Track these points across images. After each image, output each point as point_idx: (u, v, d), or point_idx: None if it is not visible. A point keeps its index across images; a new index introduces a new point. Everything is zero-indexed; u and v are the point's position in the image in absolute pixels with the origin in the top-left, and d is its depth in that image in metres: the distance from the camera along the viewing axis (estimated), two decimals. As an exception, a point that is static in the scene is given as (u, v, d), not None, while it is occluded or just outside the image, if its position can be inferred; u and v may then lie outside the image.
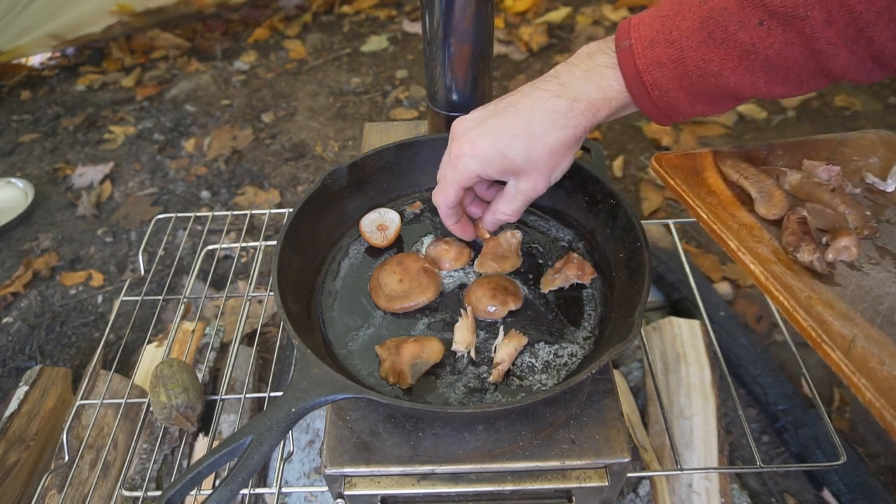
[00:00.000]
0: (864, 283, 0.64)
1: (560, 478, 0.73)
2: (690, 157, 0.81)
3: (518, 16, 3.08)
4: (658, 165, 0.80)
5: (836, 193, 0.73)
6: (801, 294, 0.61)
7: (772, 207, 0.72)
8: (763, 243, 0.68)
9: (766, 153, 0.83)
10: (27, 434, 1.21)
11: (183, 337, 1.32)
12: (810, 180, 0.75)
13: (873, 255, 0.68)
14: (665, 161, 0.80)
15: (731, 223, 0.71)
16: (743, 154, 0.82)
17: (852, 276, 0.65)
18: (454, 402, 0.74)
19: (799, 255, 0.65)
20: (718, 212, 0.73)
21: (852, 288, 0.63)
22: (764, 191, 0.74)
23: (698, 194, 0.75)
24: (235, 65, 2.92)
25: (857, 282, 0.64)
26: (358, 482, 0.74)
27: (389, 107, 2.59)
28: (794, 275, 0.64)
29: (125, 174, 2.34)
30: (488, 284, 0.84)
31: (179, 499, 0.59)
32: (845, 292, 0.62)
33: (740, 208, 0.74)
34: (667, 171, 0.79)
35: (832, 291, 0.62)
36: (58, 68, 2.98)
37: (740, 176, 0.77)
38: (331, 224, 0.95)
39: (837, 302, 0.60)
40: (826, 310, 0.59)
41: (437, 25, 0.93)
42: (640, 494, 1.19)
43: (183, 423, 0.92)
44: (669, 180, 0.78)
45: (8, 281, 1.91)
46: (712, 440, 1.21)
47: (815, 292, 0.62)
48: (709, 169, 0.80)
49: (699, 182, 0.78)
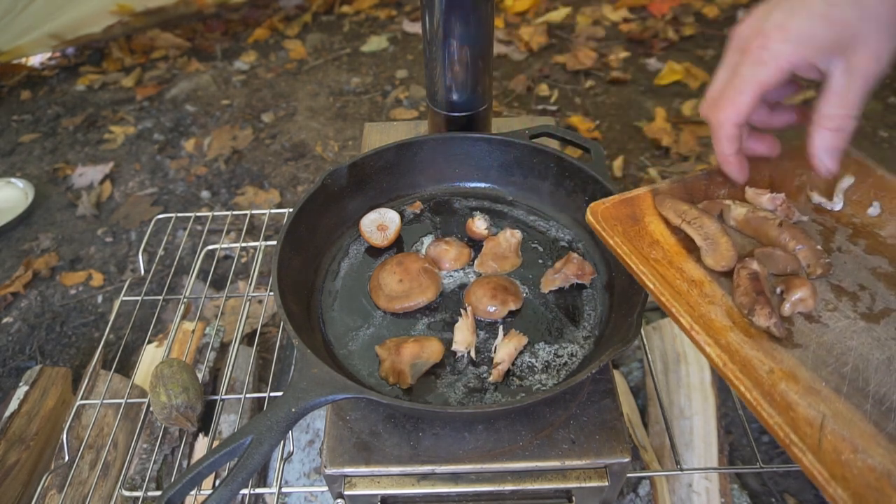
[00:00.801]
0: (825, 338, 0.61)
1: (560, 478, 0.73)
2: (628, 204, 0.74)
3: (518, 16, 3.08)
4: (595, 220, 0.72)
5: (784, 228, 0.69)
6: (762, 368, 0.58)
7: (719, 259, 0.67)
8: (715, 303, 0.64)
9: (707, 182, 0.77)
10: (27, 434, 1.21)
11: (183, 337, 1.32)
12: (756, 214, 0.71)
13: (829, 297, 0.65)
14: (602, 214, 0.73)
15: (680, 283, 0.66)
16: (683, 189, 0.76)
17: (811, 331, 0.62)
18: (454, 402, 0.74)
19: (754, 318, 0.61)
20: (665, 270, 0.67)
21: (813, 347, 0.60)
22: (709, 238, 0.69)
23: (640, 250, 0.69)
24: (235, 65, 2.92)
25: (818, 338, 0.61)
26: (358, 482, 0.74)
27: (389, 107, 2.59)
28: (752, 341, 0.60)
29: (125, 174, 2.34)
30: (488, 284, 0.84)
31: (179, 499, 0.59)
32: (807, 355, 0.59)
33: (687, 258, 0.69)
34: (604, 226, 0.71)
35: (793, 356, 0.59)
36: (58, 68, 2.98)
37: (682, 221, 0.71)
38: (331, 224, 0.95)
39: (800, 370, 0.58)
40: (790, 385, 0.56)
41: (437, 25, 0.93)
42: (640, 494, 1.19)
43: (183, 423, 0.92)
44: (608, 239, 0.70)
45: (8, 281, 1.91)
46: (712, 440, 1.21)
47: (775, 361, 0.58)
48: (649, 213, 0.74)
49: (640, 232, 0.71)
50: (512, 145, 0.98)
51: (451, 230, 0.98)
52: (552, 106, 2.49)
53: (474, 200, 1.02)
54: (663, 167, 2.14)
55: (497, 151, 1.00)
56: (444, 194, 1.04)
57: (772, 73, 0.59)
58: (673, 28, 2.85)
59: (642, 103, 2.43)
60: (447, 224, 0.99)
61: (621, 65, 2.68)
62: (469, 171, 1.03)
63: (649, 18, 2.95)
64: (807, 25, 0.56)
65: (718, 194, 0.77)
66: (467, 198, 1.03)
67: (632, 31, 2.86)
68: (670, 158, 2.18)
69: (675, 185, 0.76)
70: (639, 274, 0.67)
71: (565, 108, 2.47)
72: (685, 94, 2.46)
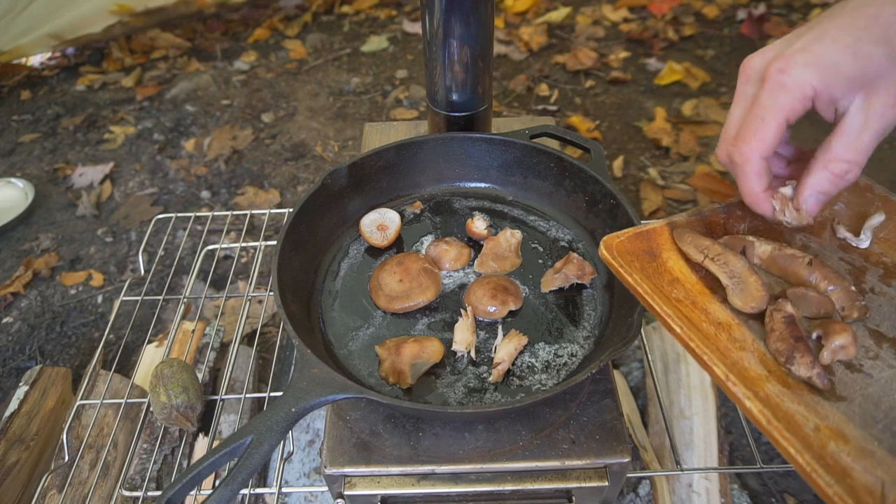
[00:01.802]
0: (871, 390, 0.56)
1: (560, 478, 0.73)
2: (644, 238, 0.69)
3: (518, 16, 3.08)
4: (609, 255, 0.67)
5: (815, 267, 0.65)
6: (807, 425, 0.52)
7: (749, 300, 0.62)
8: (747, 349, 0.59)
9: (726, 216, 0.72)
10: (27, 434, 1.21)
11: (183, 337, 1.32)
12: (783, 252, 0.67)
13: (869, 344, 0.61)
14: (617, 248, 0.67)
15: (707, 326, 0.61)
16: (702, 224, 0.72)
17: (855, 382, 0.57)
18: (454, 402, 0.74)
19: (794, 367, 0.57)
20: (690, 312, 0.62)
21: (859, 401, 0.55)
22: (735, 276, 0.64)
23: (661, 288, 0.64)
24: (235, 65, 2.92)
25: (863, 390, 0.57)
26: (358, 482, 0.74)
27: (389, 107, 2.58)
28: (792, 394, 0.55)
29: (125, 174, 2.34)
30: (488, 284, 0.84)
31: (179, 499, 0.59)
32: (853, 409, 0.54)
33: (711, 298, 0.64)
34: (621, 262, 0.66)
35: (839, 412, 0.54)
36: (58, 68, 2.98)
37: (705, 257, 0.66)
38: (331, 224, 0.95)
39: (848, 427, 0.53)
40: (840, 445, 0.51)
41: (437, 25, 0.93)
42: (640, 494, 1.19)
43: (183, 423, 0.92)
44: (627, 276, 0.65)
45: (8, 281, 1.91)
46: (712, 440, 1.21)
47: (820, 417, 0.53)
48: (667, 249, 0.69)
49: (659, 270, 0.66)
50: (512, 145, 0.98)
51: (451, 230, 0.98)
52: (552, 106, 2.49)
53: (474, 200, 1.02)
54: (663, 167, 2.14)
55: (497, 151, 1.00)
56: (444, 194, 1.04)
57: (796, 99, 0.55)
58: (673, 28, 2.85)
59: (642, 103, 2.43)
60: (447, 224, 0.99)
61: (621, 65, 2.68)
62: (469, 171, 1.03)
63: (649, 18, 2.95)
64: (832, 54, 0.53)
65: (738, 229, 0.72)
66: (467, 198, 1.03)
67: (632, 31, 2.86)
68: (670, 158, 2.18)
69: (693, 218, 0.72)
70: (663, 316, 0.61)
71: (565, 108, 2.47)
72: (685, 94, 2.46)
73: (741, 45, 2.71)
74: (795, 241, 0.71)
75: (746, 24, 2.78)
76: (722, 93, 2.44)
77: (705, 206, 0.73)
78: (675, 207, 2.01)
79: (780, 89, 0.55)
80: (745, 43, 2.72)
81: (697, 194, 2.02)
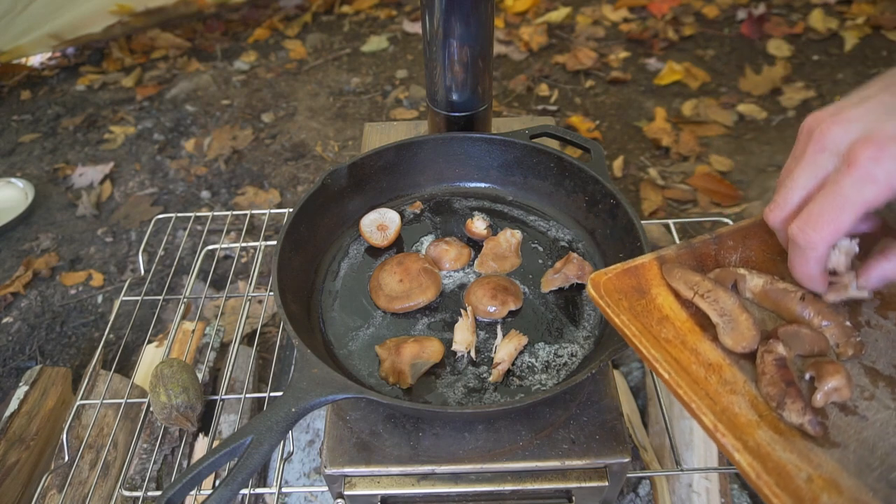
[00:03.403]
0: (865, 434, 0.54)
1: (560, 478, 0.73)
2: (632, 274, 0.67)
3: (518, 16, 3.08)
4: (597, 294, 0.65)
5: (808, 302, 0.62)
6: (799, 476, 0.51)
7: (739, 339, 0.60)
8: (737, 392, 0.57)
9: (717, 248, 0.71)
10: (27, 434, 1.21)
11: (183, 337, 1.32)
12: (775, 286, 0.65)
13: (864, 383, 0.59)
14: (604, 286, 0.65)
15: (696, 368, 0.59)
16: (691, 255, 0.70)
17: (849, 425, 0.55)
18: (454, 402, 0.74)
19: (785, 414, 0.55)
20: (679, 353, 0.60)
21: (853, 447, 0.53)
22: (726, 314, 0.62)
23: (650, 328, 0.62)
24: (235, 65, 2.92)
25: (857, 434, 0.55)
26: (358, 482, 0.74)
27: (389, 107, 2.58)
28: (784, 440, 0.53)
29: (125, 174, 2.34)
30: (488, 284, 0.84)
31: (179, 499, 0.59)
32: (847, 456, 0.52)
33: (702, 337, 0.62)
34: (608, 301, 0.64)
35: (832, 459, 0.52)
36: (58, 68, 2.98)
37: (695, 294, 0.64)
38: (331, 224, 0.95)
39: (842, 477, 0.51)
40: (834, 497, 0.49)
41: (437, 25, 0.93)
42: (640, 494, 1.19)
43: (183, 423, 0.92)
44: (614, 318, 0.63)
45: (8, 281, 1.91)
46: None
47: (813, 466, 0.52)
48: (656, 285, 0.67)
49: (648, 307, 0.65)
50: (512, 145, 0.98)
51: (451, 230, 0.98)
52: (552, 106, 2.49)
53: (474, 200, 1.02)
54: (663, 167, 2.14)
55: (497, 151, 1.00)
56: (444, 194, 1.04)
57: (882, 194, 0.50)
58: (673, 28, 2.85)
59: (642, 103, 2.43)
60: (447, 224, 0.99)
61: (621, 65, 2.68)
62: (469, 171, 1.03)
63: (649, 18, 2.95)
64: None
65: (730, 261, 0.70)
66: (467, 198, 1.03)
67: (632, 31, 2.86)
68: (670, 158, 2.18)
69: (683, 251, 0.70)
70: (650, 360, 0.59)
71: (565, 108, 2.47)
72: (685, 94, 2.46)
73: (741, 45, 2.71)
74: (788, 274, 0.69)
75: (746, 24, 2.79)
76: (722, 93, 2.44)
77: (696, 238, 0.71)
78: (675, 207, 2.01)
79: (870, 182, 0.50)
80: (744, 43, 2.72)
81: (697, 194, 2.03)
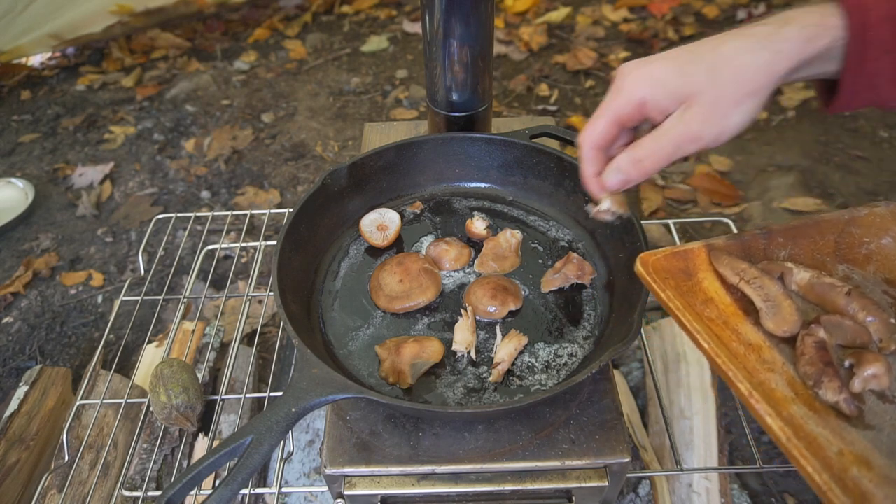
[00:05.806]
0: None
1: (560, 478, 0.73)
2: (681, 257, 0.70)
3: (518, 16, 3.08)
4: (645, 272, 0.68)
5: (853, 297, 0.64)
6: (830, 448, 0.52)
7: (781, 323, 0.63)
8: (776, 371, 0.59)
9: (766, 242, 0.72)
10: (27, 434, 1.21)
11: (183, 337, 1.32)
12: (821, 280, 0.66)
13: None
14: (653, 265, 0.68)
15: (736, 346, 0.62)
16: (740, 247, 0.72)
17: (886, 412, 0.56)
18: (454, 402, 0.74)
19: (821, 392, 0.57)
20: (720, 331, 0.63)
21: (888, 431, 0.55)
22: (770, 300, 0.64)
23: (693, 306, 0.65)
24: (235, 65, 2.92)
25: (893, 421, 0.56)
26: (358, 482, 0.74)
27: (389, 107, 2.58)
28: (818, 417, 0.55)
29: (125, 174, 2.34)
30: (488, 284, 0.84)
31: (179, 499, 0.59)
32: (881, 439, 0.54)
33: (744, 320, 0.65)
34: (655, 279, 0.67)
35: (865, 440, 0.54)
36: (58, 68, 2.98)
37: (741, 280, 0.67)
38: (331, 224, 0.95)
39: (874, 456, 0.52)
40: (862, 471, 0.51)
41: (437, 25, 0.93)
42: (640, 494, 1.19)
43: (183, 423, 0.92)
44: (660, 293, 0.66)
45: (8, 281, 1.91)
46: (712, 440, 1.21)
47: (845, 442, 0.53)
48: (703, 269, 0.69)
49: (693, 289, 0.67)
50: (512, 145, 0.98)
51: (451, 230, 0.98)
52: (552, 106, 2.49)
53: (474, 200, 1.02)
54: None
55: (497, 151, 1.00)
56: (444, 194, 1.04)
57: (623, 104, 0.64)
58: (673, 28, 2.85)
59: (642, 103, 2.43)
60: (447, 224, 0.99)
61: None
62: (469, 171, 1.03)
63: (649, 18, 2.95)
64: (663, 70, 0.62)
65: (778, 256, 0.72)
66: (467, 198, 1.03)
67: (632, 31, 2.86)
68: (670, 158, 2.17)
69: (732, 242, 0.72)
70: (692, 332, 0.62)
71: (565, 108, 2.47)
72: (685, 94, 2.46)
73: (741, 45, 2.71)
74: (837, 272, 0.71)
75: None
76: (722, 93, 2.44)
77: (745, 231, 0.74)
78: (675, 207, 2.01)
79: (617, 93, 0.64)
80: (745, 43, 2.72)
81: (697, 194, 2.02)
